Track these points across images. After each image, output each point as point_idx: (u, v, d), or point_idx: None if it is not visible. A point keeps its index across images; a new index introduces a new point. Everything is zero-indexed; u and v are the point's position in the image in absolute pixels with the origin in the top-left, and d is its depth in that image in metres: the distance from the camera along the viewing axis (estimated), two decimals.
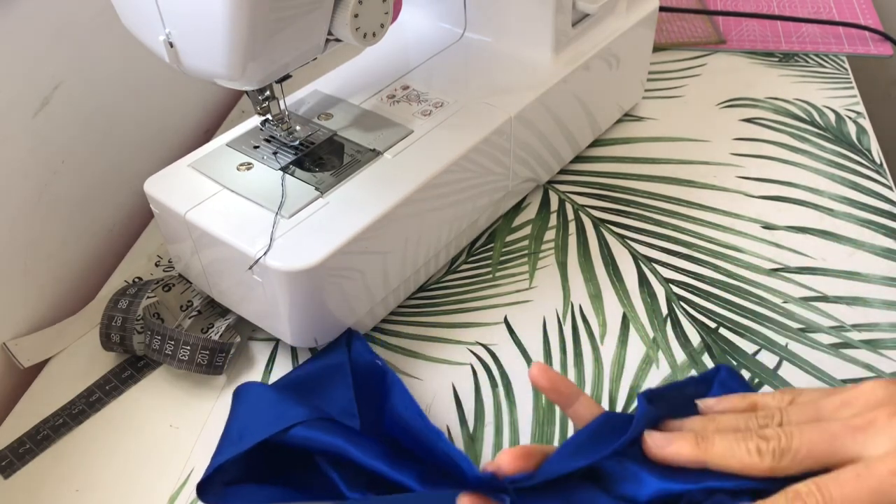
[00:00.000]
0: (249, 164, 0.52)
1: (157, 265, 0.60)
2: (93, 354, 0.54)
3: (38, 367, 0.54)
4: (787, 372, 0.50)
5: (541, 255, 0.60)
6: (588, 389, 0.50)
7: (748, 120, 0.72)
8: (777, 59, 0.80)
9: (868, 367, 0.50)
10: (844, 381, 0.49)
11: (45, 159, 0.57)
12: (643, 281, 0.57)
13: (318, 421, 0.42)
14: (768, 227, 0.61)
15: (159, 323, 0.51)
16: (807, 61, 0.79)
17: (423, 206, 0.51)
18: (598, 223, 0.62)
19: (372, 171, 0.51)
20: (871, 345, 0.51)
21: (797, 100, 0.74)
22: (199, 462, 0.47)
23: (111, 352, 0.53)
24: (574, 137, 0.66)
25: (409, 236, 0.52)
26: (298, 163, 0.52)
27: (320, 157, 0.53)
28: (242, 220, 0.48)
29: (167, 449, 0.48)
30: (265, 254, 0.45)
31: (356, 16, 0.44)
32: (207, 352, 0.50)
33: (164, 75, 0.69)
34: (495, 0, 0.61)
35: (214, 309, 0.55)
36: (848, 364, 0.50)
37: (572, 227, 0.62)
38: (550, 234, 0.61)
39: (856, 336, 0.52)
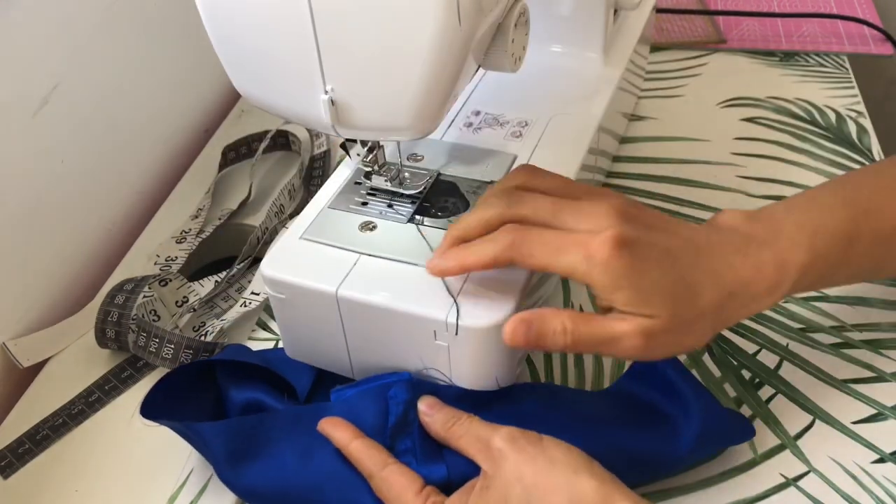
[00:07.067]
0: (370, 223, 0.47)
1: (155, 264, 0.60)
2: (92, 354, 0.54)
3: (38, 367, 0.54)
4: (788, 372, 0.50)
5: None
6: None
7: (748, 119, 0.72)
8: (777, 59, 0.80)
9: (868, 366, 0.50)
10: (845, 381, 0.49)
11: (44, 159, 0.57)
12: None
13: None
14: None
15: (146, 320, 0.51)
16: (807, 61, 0.79)
17: None
18: None
19: None
20: (872, 345, 0.51)
21: (798, 99, 0.74)
22: (199, 462, 0.47)
23: (106, 348, 0.53)
24: (618, 135, 0.65)
25: None
26: (421, 211, 0.48)
27: (439, 200, 0.49)
28: (405, 284, 0.43)
29: (167, 449, 0.48)
30: (458, 316, 0.41)
31: (513, 41, 0.41)
32: (191, 351, 0.49)
33: (164, 75, 0.69)
34: (539, 3, 0.56)
35: (212, 309, 0.55)
36: (848, 364, 0.50)
37: None
38: None
39: (856, 336, 0.52)
